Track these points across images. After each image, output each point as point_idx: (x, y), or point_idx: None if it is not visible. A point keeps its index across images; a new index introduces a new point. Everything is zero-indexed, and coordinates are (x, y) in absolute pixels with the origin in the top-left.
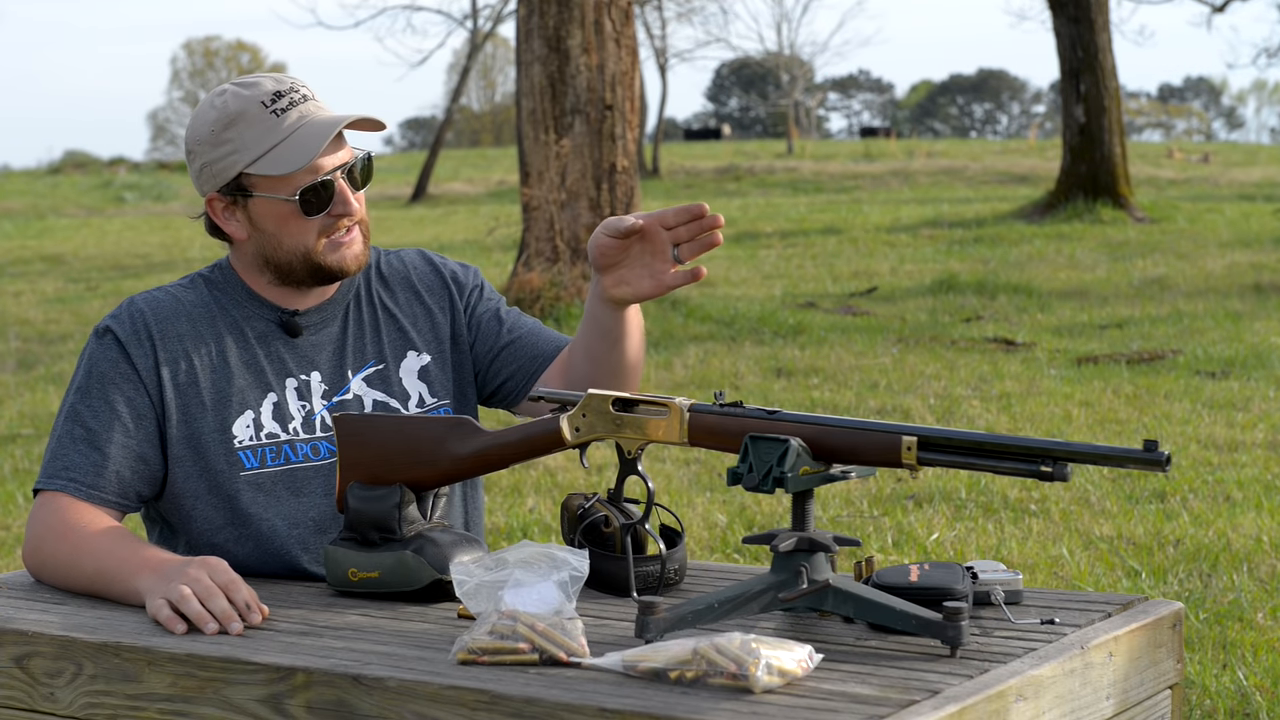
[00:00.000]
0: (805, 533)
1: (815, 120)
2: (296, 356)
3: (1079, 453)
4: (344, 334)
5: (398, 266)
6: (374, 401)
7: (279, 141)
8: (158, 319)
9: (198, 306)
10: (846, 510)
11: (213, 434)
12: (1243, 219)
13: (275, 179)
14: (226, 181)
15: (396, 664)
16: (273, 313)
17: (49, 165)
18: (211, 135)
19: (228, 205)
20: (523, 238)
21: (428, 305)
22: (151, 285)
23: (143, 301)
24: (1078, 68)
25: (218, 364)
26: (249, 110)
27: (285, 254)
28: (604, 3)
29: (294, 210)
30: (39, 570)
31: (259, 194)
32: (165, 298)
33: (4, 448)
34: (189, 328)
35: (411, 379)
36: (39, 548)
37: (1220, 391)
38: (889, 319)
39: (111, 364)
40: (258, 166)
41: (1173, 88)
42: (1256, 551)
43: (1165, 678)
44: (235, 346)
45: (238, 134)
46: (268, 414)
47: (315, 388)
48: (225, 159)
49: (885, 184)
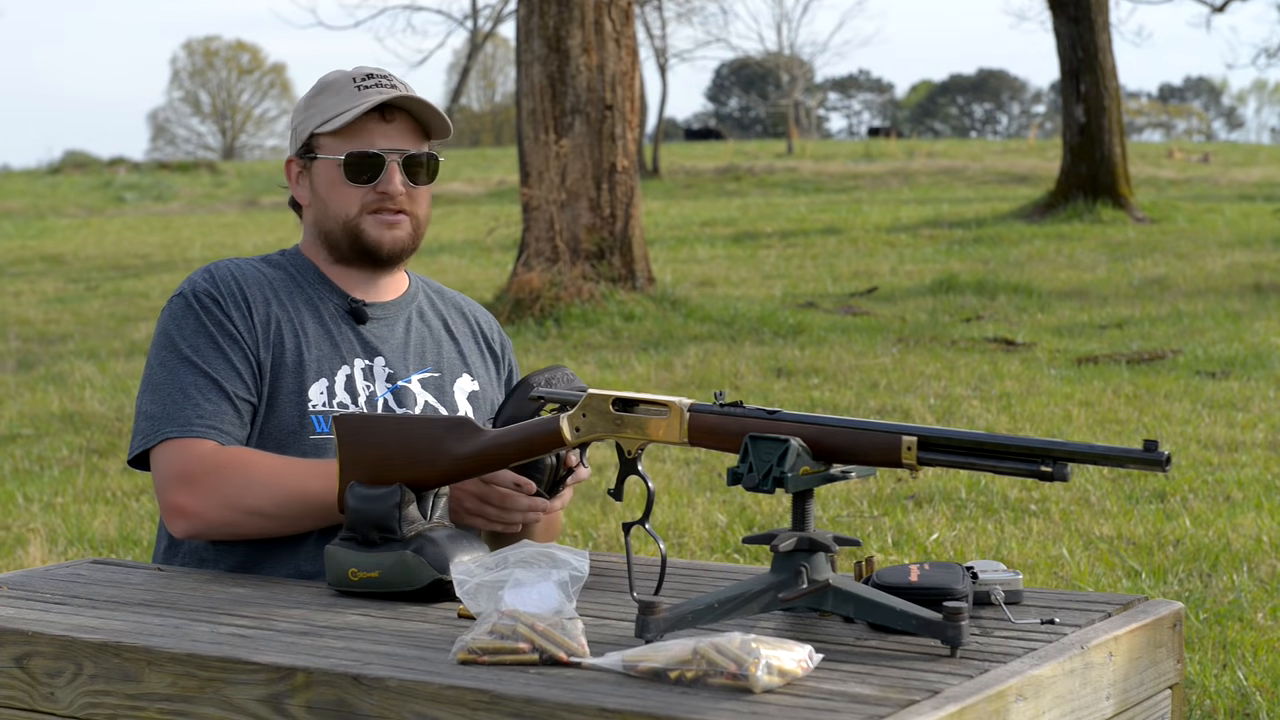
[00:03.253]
0: (805, 533)
1: (815, 120)
2: (363, 342)
3: (1079, 453)
4: (406, 336)
5: (464, 304)
6: (425, 403)
7: (347, 108)
8: (246, 283)
9: (276, 279)
10: (846, 510)
11: (290, 394)
12: (1243, 219)
13: (334, 139)
14: (302, 143)
15: (396, 664)
16: (342, 299)
17: (49, 165)
18: (305, 101)
19: (300, 171)
20: (523, 238)
21: (481, 349)
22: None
23: (228, 267)
24: (1078, 68)
25: (299, 329)
26: (339, 81)
27: (330, 221)
28: (604, 3)
29: (341, 175)
30: (224, 519)
31: (321, 155)
32: (247, 266)
33: (4, 448)
34: (272, 294)
35: (462, 398)
36: (227, 497)
37: (1220, 391)
38: (889, 319)
39: (215, 322)
40: (324, 127)
41: (1173, 88)
42: (1256, 551)
43: (1165, 678)
44: (312, 319)
45: (322, 100)
46: (341, 384)
47: (379, 372)
48: (306, 121)
49: (885, 184)
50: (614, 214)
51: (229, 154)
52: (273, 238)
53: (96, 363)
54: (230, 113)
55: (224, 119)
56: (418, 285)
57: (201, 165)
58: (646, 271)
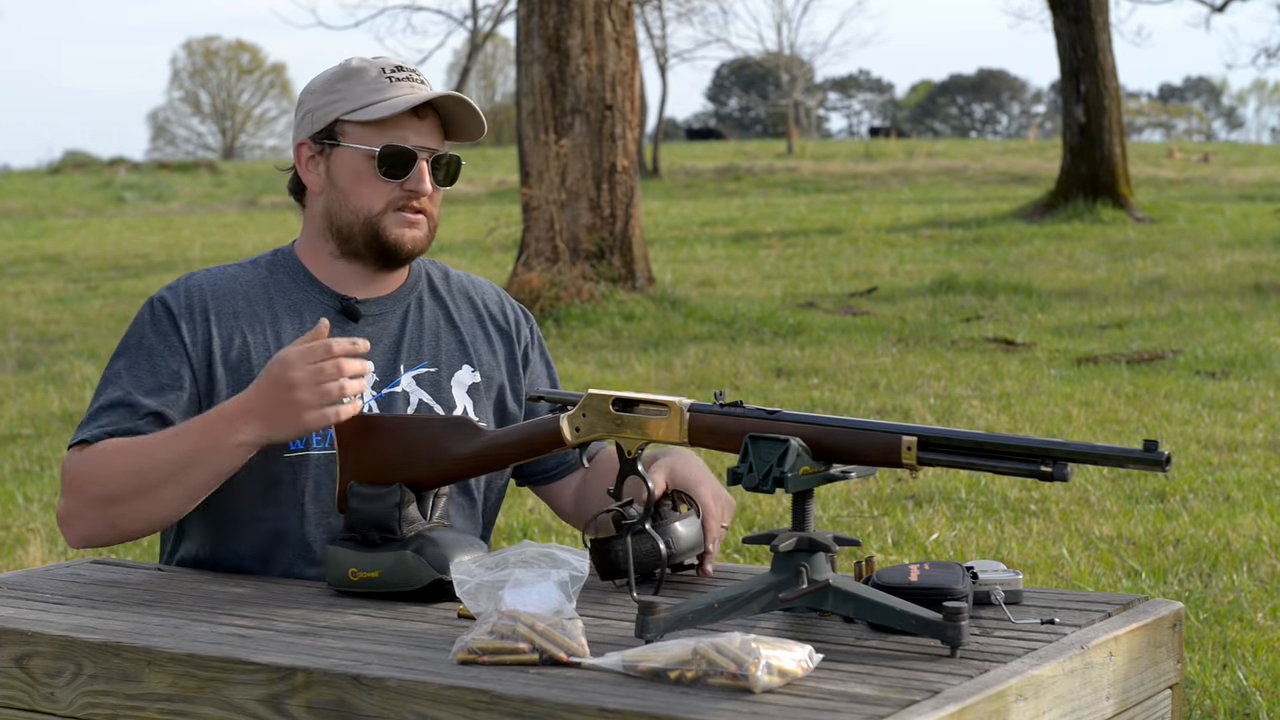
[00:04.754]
0: (805, 533)
1: (815, 120)
2: None
3: (1079, 453)
4: (402, 330)
5: (468, 286)
6: (419, 401)
7: (381, 100)
8: (215, 295)
9: (255, 287)
10: (846, 510)
11: None
12: (1243, 219)
13: (364, 130)
14: (322, 127)
15: (396, 664)
16: (332, 299)
17: (49, 165)
18: (325, 85)
19: (314, 155)
20: (523, 238)
21: (488, 332)
22: (152, 285)
23: (200, 278)
24: (1078, 68)
25: (272, 344)
26: (367, 70)
27: (349, 214)
28: (604, 3)
29: (371, 168)
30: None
31: (346, 143)
32: (223, 276)
33: (4, 448)
34: (245, 306)
35: (460, 391)
36: (87, 492)
37: (1220, 391)
38: (889, 319)
39: (160, 335)
40: (354, 115)
41: (1173, 88)
42: (1256, 551)
43: (1165, 678)
44: (291, 328)
45: (348, 86)
46: None
47: (367, 378)
48: (328, 105)
49: (885, 184)
50: (614, 214)
51: (229, 154)
52: (272, 237)
53: (96, 363)
54: (230, 113)
55: (224, 119)
56: (419, 273)
57: (201, 165)
58: (646, 271)
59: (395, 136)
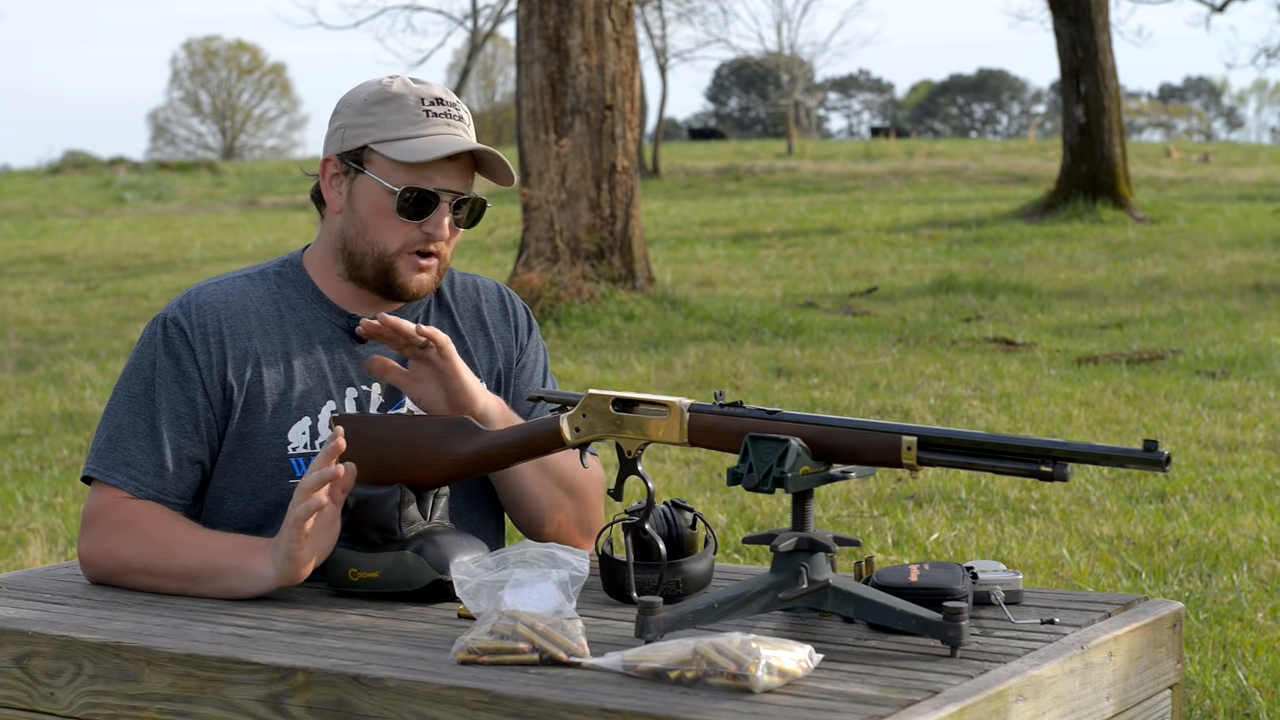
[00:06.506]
0: (805, 533)
1: (815, 120)
2: (359, 366)
3: (1079, 453)
4: None
5: (470, 291)
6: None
7: (414, 136)
8: (228, 314)
9: (265, 304)
10: (846, 510)
11: (269, 436)
12: (1243, 219)
13: (391, 165)
14: (351, 149)
15: (396, 664)
16: (340, 317)
17: (49, 165)
18: (362, 104)
19: (338, 173)
20: (523, 238)
21: (490, 337)
22: (152, 285)
23: (210, 294)
24: (1078, 68)
25: (282, 366)
26: (407, 99)
27: (364, 244)
28: (604, 3)
29: (391, 204)
30: (106, 568)
31: (370, 173)
32: (234, 292)
33: (4, 448)
34: (257, 325)
35: None
36: (109, 549)
37: (1220, 391)
38: (889, 319)
39: (174, 360)
40: (384, 147)
41: (1173, 88)
42: (1256, 551)
43: (1165, 678)
44: (300, 350)
45: (385, 112)
46: (325, 423)
47: (374, 399)
48: (361, 128)
49: (885, 184)
50: (614, 214)
51: (229, 154)
52: (272, 238)
53: (96, 363)
54: (230, 113)
55: (224, 119)
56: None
57: (201, 165)
58: (646, 271)
59: (420, 178)
